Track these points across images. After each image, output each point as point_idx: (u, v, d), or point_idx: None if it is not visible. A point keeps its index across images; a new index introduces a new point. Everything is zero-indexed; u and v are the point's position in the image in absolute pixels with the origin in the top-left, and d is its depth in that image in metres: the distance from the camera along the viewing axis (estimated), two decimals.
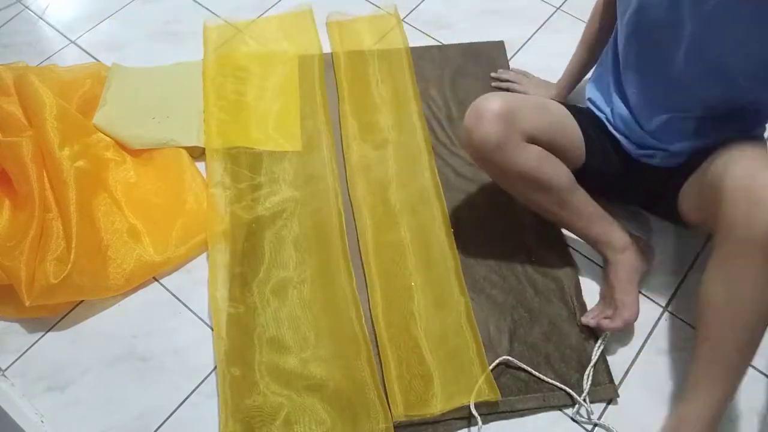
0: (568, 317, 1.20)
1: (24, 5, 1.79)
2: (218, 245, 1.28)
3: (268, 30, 1.68)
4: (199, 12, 1.74)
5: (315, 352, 1.16)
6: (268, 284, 1.24)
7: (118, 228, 1.29)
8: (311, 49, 1.63)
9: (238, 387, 1.12)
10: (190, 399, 1.14)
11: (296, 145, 1.45)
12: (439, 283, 1.23)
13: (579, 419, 1.10)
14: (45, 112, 1.32)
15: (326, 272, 1.26)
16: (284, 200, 1.35)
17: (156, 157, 1.42)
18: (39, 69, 1.54)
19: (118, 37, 1.70)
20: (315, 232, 1.31)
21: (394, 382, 1.11)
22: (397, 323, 1.18)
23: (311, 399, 1.11)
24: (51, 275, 1.17)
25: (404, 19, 1.70)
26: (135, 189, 1.37)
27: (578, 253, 1.29)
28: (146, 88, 1.55)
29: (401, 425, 1.09)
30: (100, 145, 1.40)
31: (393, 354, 1.15)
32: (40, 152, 1.29)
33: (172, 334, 1.21)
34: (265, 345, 1.17)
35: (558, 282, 1.24)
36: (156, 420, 1.12)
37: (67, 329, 1.22)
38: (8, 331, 1.22)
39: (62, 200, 1.24)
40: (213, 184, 1.37)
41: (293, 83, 1.56)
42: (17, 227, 1.25)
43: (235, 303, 1.21)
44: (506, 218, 1.32)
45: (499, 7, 1.73)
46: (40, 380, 1.16)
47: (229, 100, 1.52)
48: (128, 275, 1.25)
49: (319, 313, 1.21)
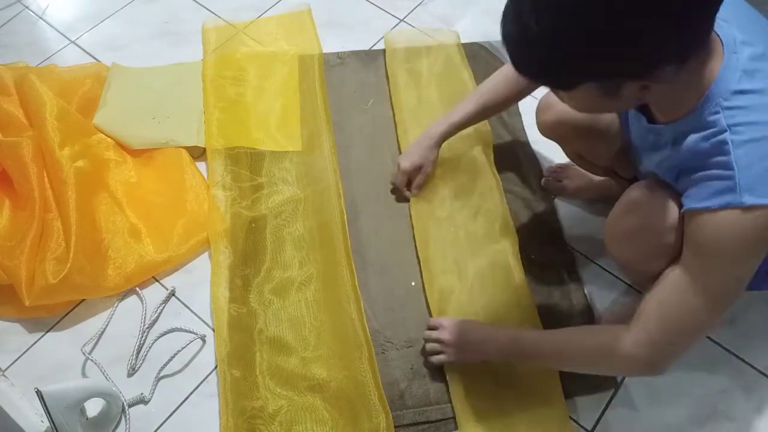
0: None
1: (24, 5, 1.79)
2: (220, 245, 1.28)
3: (268, 30, 1.68)
4: (199, 12, 1.74)
5: (316, 353, 1.16)
6: (270, 284, 1.24)
7: (119, 228, 1.29)
8: (311, 48, 1.63)
9: (238, 388, 1.12)
10: (190, 399, 1.14)
11: (297, 144, 1.45)
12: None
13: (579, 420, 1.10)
14: (45, 112, 1.32)
15: (328, 272, 1.26)
16: (285, 200, 1.35)
17: (156, 157, 1.42)
18: (39, 69, 1.54)
19: (118, 37, 1.69)
20: (317, 232, 1.31)
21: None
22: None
23: (312, 399, 1.11)
24: (51, 275, 1.17)
25: (404, 19, 1.70)
26: (136, 189, 1.37)
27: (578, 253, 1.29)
28: (146, 88, 1.55)
29: (402, 425, 1.09)
30: (100, 146, 1.40)
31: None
32: (40, 152, 1.29)
33: (173, 334, 1.21)
34: (266, 345, 1.17)
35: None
36: (156, 420, 1.12)
37: (67, 329, 1.22)
38: (8, 331, 1.22)
39: (62, 200, 1.24)
40: (214, 185, 1.37)
41: (293, 83, 1.56)
42: (17, 227, 1.25)
43: (237, 303, 1.21)
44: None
45: (499, 7, 1.72)
46: (40, 380, 1.15)
47: (229, 100, 1.52)
48: (129, 275, 1.24)
49: (321, 313, 1.21)
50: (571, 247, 1.30)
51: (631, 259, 1.00)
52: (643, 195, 0.95)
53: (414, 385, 1.13)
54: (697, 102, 0.80)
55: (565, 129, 1.16)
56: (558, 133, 1.21)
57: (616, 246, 1.01)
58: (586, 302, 1.22)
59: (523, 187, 1.38)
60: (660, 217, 0.91)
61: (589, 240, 1.30)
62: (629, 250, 0.98)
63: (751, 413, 1.11)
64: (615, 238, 1.00)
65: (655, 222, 0.91)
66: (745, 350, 1.16)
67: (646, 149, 0.97)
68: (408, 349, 1.17)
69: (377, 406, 1.10)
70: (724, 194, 0.78)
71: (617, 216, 0.99)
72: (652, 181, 0.95)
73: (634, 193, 0.97)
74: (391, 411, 1.09)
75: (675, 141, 0.86)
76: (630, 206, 0.96)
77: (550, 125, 1.19)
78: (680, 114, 0.83)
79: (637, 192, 0.96)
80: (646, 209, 0.93)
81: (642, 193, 0.95)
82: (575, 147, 1.23)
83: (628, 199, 0.97)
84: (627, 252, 0.99)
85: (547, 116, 1.19)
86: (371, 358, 1.15)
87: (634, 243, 0.95)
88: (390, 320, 1.21)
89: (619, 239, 0.99)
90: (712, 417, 1.10)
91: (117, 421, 1.11)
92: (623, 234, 0.98)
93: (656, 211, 0.91)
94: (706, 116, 0.79)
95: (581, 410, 1.10)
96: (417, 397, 1.12)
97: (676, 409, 1.11)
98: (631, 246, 0.96)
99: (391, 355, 1.17)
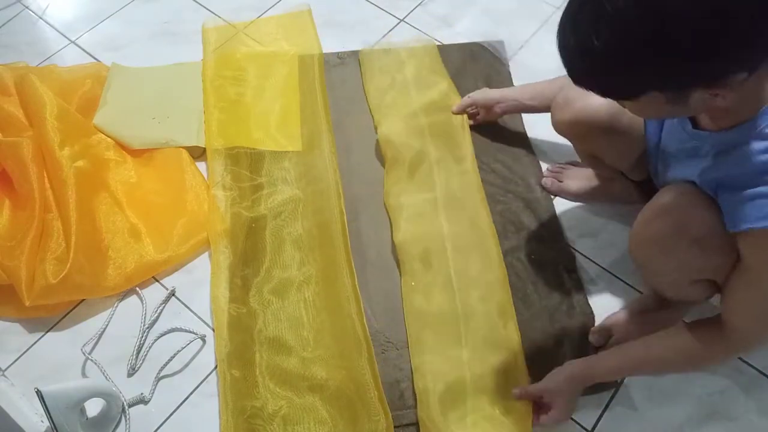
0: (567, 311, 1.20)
1: (24, 5, 1.79)
2: (220, 246, 1.28)
3: (268, 30, 1.68)
4: (199, 12, 1.74)
5: (316, 353, 1.16)
6: (269, 284, 1.24)
7: (119, 228, 1.29)
8: (311, 48, 1.63)
9: (238, 388, 1.12)
10: (190, 399, 1.14)
11: (297, 144, 1.45)
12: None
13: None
14: (45, 112, 1.32)
15: (328, 272, 1.26)
16: (285, 200, 1.35)
17: (156, 157, 1.42)
18: (39, 69, 1.54)
19: (118, 37, 1.69)
20: (317, 232, 1.31)
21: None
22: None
23: (312, 399, 1.11)
24: (51, 275, 1.17)
25: (404, 19, 1.70)
26: (136, 189, 1.37)
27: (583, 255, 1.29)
28: (146, 88, 1.55)
29: (402, 425, 1.09)
30: (100, 146, 1.40)
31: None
32: (40, 152, 1.29)
33: (173, 334, 1.21)
34: (266, 345, 1.17)
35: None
36: (156, 420, 1.12)
37: (67, 329, 1.22)
38: (8, 331, 1.22)
39: (62, 200, 1.24)
40: (214, 185, 1.37)
41: (293, 83, 1.56)
42: (17, 227, 1.25)
43: (237, 303, 1.21)
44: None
45: (499, 7, 1.73)
46: (40, 380, 1.15)
47: (229, 100, 1.52)
48: (129, 274, 1.24)
49: (321, 313, 1.21)
50: (571, 247, 1.30)
51: (656, 266, 0.96)
52: (676, 200, 0.90)
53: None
54: (753, 113, 0.77)
55: (584, 128, 1.12)
56: (575, 132, 1.17)
57: (642, 252, 0.97)
58: (587, 302, 1.22)
59: (523, 187, 1.38)
60: (693, 225, 0.87)
61: (589, 240, 1.30)
62: (655, 257, 0.94)
63: (751, 413, 1.10)
64: (642, 243, 0.96)
65: (688, 229, 0.88)
66: None
67: (681, 155, 0.93)
68: (408, 349, 1.17)
69: (377, 406, 1.09)
70: None
71: (647, 220, 0.94)
72: (686, 186, 0.91)
73: (666, 196, 0.92)
74: (391, 411, 1.09)
75: (720, 151, 0.83)
76: (662, 210, 0.92)
77: (567, 123, 1.15)
78: (732, 123, 0.80)
79: (670, 196, 0.91)
80: (681, 215, 0.89)
81: (675, 197, 0.90)
82: (592, 147, 1.19)
83: (660, 203, 0.92)
84: (652, 258, 0.95)
85: (564, 114, 1.14)
86: (371, 358, 1.14)
87: (663, 251, 0.92)
88: (390, 320, 1.21)
89: (647, 245, 0.95)
90: (712, 417, 1.10)
91: (117, 421, 1.11)
92: (652, 240, 0.93)
93: (689, 218, 0.87)
94: (763, 128, 0.76)
95: (581, 410, 1.10)
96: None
97: (676, 409, 1.11)
98: (660, 254, 0.93)
99: (391, 355, 1.17)
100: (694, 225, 0.87)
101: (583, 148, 1.23)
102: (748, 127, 0.78)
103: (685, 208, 0.89)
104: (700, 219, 0.87)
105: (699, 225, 0.87)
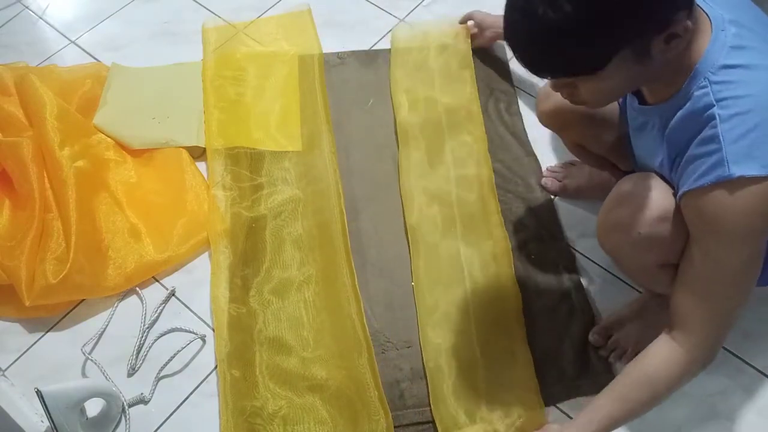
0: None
1: (24, 5, 1.79)
2: (220, 246, 1.28)
3: (268, 30, 1.68)
4: (199, 12, 1.74)
5: (316, 353, 1.16)
6: (269, 284, 1.24)
7: (119, 228, 1.29)
8: (311, 48, 1.63)
9: (238, 388, 1.12)
10: (190, 399, 1.14)
11: (297, 144, 1.45)
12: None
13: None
14: (45, 112, 1.32)
15: (329, 272, 1.26)
16: (285, 200, 1.35)
17: (156, 157, 1.42)
18: (39, 69, 1.54)
19: (118, 37, 1.69)
20: (317, 232, 1.31)
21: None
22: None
23: (312, 399, 1.11)
24: (51, 275, 1.17)
25: (404, 19, 1.70)
26: (136, 189, 1.37)
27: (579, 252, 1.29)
28: (146, 88, 1.55)
29: (402, 425, 1.09)
30: (100, 146, 1.40)
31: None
32: (40, 152, 1.29)
33: (173, 334, 1.21)
34: (266, 345, 1.17)
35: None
36: (156, 420, 1.12)
37: (67, 329, 1.22)
38: (8, 331, 1.22)
39: (62, 200, 1.24)
40: (214, 185, 1.37)
41: (293, 83, 1.56)
42: (17, 227, 1.25)
43: (237, 303, 1.21)
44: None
45: (499, 7, 1.72)
46: (40, 380, 1.16)
47: (229, 100, 1.52)
48: (129, 275, 1.25)
49: (321, 312, 1.21)
50: (571, 247, 1.30)
51: (623, 252, 1.00)
52: (634, 186, 0.94)
53: (414, 385, 1.13)
54: (684, 80, 0.80)
55: (566, 116, 1.15)
56: (558, 121, 1.20)
57: (607, 238, 1.00)
58: (587, 302, 1.22)
59: (523, 187, 1.38)
60: (652, 207, 0.91)
61: (589, 240, 1.30)
62: (620, 243, 0.97)
63: (751, 413, 1.10)
64: (606, 230, 1.00)
65: (647, 212, 0.91)
66: (745, 350, 1.16)
67: (636, 133, 0.97)
68: (408, 349, 1.17)
69: (377, 406, 1.10)
70: (715, 169, 0.77)
71: (608, 208, 0.98)
72: (646, 173, 0.95)
73: (625, 184, 0.96)
74: (391, 411, 1.09)
75: (664, 124, 0.86)
76: (621, 197, 0.96)
77: (549, 113, 1.19)
78: (669, 94, 0.84)
79: (628, 183, 0.96)
80: (638, 200, 0.92)
81: (633, 184, 0.95)
82: (575, 135, 1.22)
83: (619, 191, 0.96)
84: (618, 244, 0.99)
85: (546, 105, 1.18)
86: (371, 358, 1.15)
87: (624, 235, 0.94)
88: (390, 320, 1.21)
89: (609, 231, 0.99)
90: (712, 417, 1.10)
91: (117, 421, 1.11)
92: (614, 226, 0.97)
93: (647, 201, 0.91)
94: (694, 91, 0.79)
95: (581, 410, 1.10)
96: (417, 397, 1.12)
97: (676, 409, 1.11)
98: (622, 238, 0.96)
99: (391, 355, 1.17)
100: (652, 207, 0.91)
101: (569, 139, 1.26)
102: (681, 96, 0.81)
103: (642, 192, 0.92)
104: (657, 201, 0.90)
105: (657, 207, 0.90)
